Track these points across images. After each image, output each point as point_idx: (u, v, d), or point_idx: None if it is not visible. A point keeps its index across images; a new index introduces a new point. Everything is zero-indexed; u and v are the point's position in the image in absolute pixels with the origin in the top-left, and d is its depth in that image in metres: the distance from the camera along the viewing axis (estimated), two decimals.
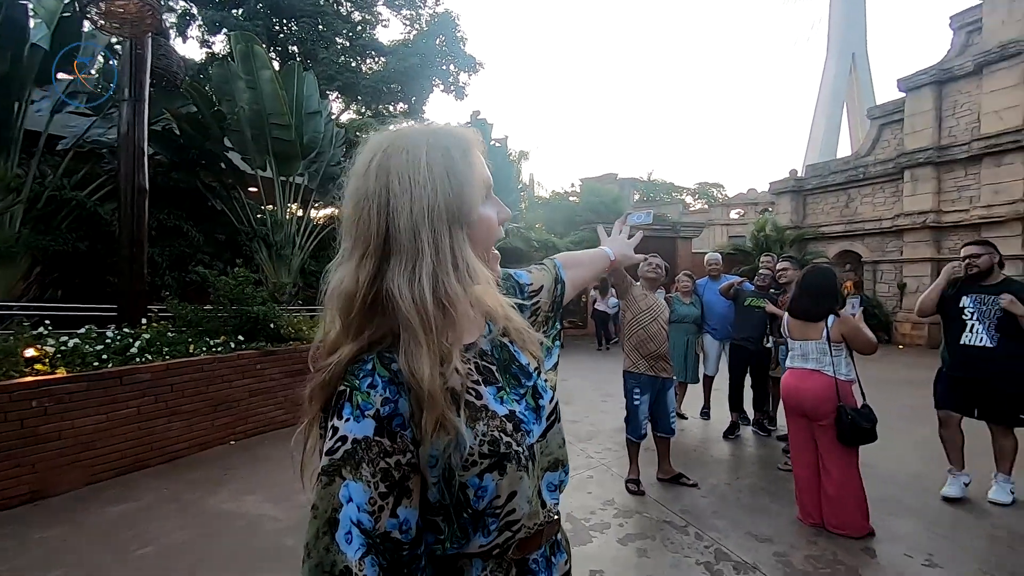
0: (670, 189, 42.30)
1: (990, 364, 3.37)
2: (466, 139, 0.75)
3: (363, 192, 0.68)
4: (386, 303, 0.66)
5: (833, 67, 45.49)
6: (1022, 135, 9.95)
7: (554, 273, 1.04)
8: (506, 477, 0.69)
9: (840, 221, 14.02)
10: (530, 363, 0.81)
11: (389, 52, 16.48)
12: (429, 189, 0.67)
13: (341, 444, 0.62)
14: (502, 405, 0.73)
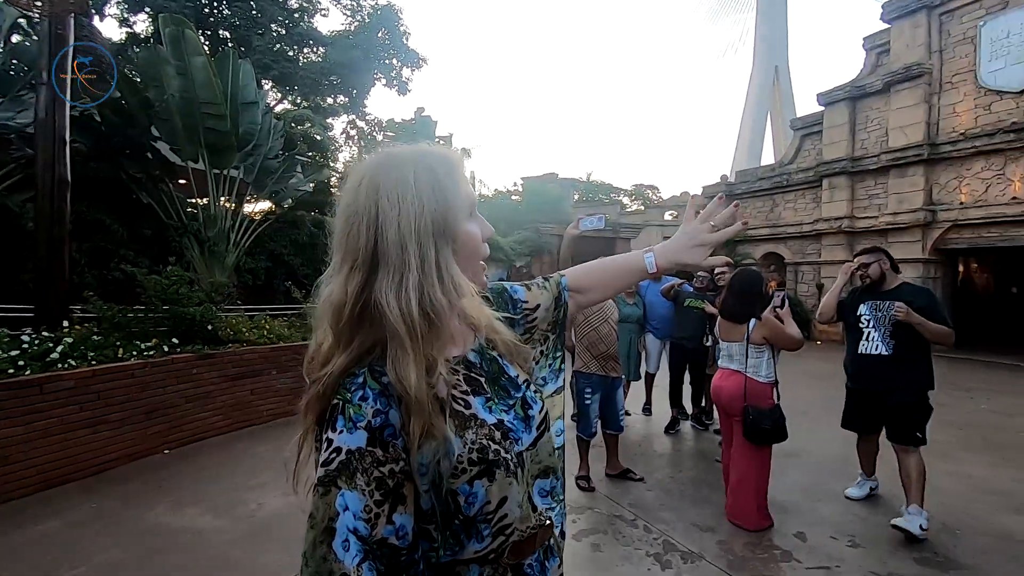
0: (608, 190, 43.30)
1: (885, 373, 3.30)
2: (451, 159, 0.78)
3: (353, 208, 0.71)
4: (374, 313, 0.69)
5: (758, 78, 48.15)
6: (923, 150, 10.96)
7: (555, 292, 1.01)
8: (495, 483, 0.71)
9: (766, 224, 14.91)
10: (519, 375, 0.84)
11: (329, 43, 15.96)
12: (416, 205, 0.70)
13: (336, 455, 0.64)
14: (491, 414, 0.76)
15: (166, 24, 7.80)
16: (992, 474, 4.18)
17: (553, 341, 1.01)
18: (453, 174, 0.76)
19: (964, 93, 10.62)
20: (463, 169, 0.79)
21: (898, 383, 3.27)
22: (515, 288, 0.99)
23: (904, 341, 3.24)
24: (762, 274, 3.67)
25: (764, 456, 3.23)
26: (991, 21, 10.17)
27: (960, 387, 7.50)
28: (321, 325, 0.73)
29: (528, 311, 0.97)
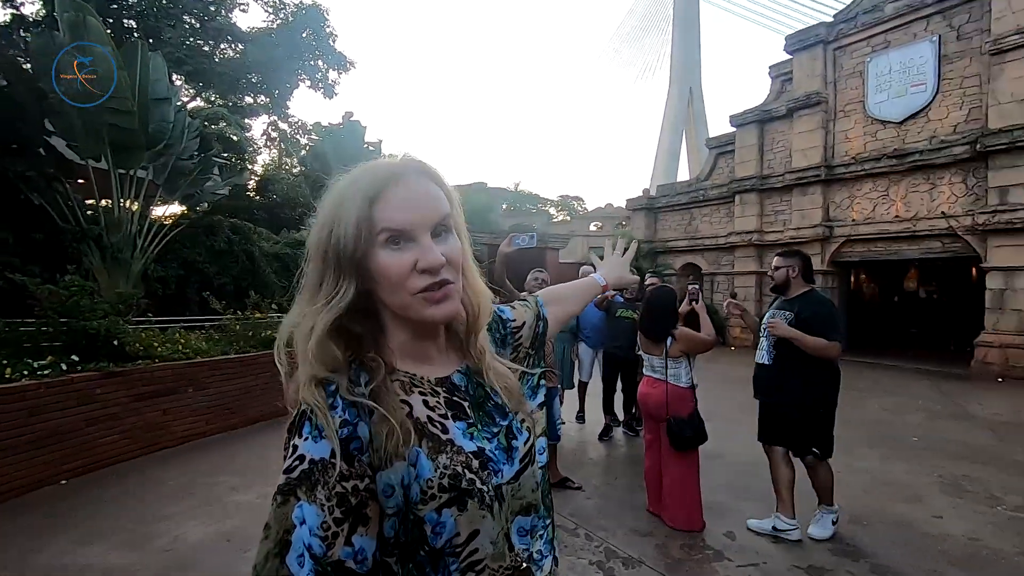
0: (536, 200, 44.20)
1: (765, 382, 3.34)
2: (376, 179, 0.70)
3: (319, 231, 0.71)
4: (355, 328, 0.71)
5: (674, 99, 50.97)
6: (820, 171, 12.02)
7: (536, 310, 1.05)
8: (466, 514, 0.67)
9: (685, 237, 15.75)
10: (507, 403, 0.81)
11: (249, 40, 15.18)
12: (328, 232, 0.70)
13: (299, 463, 0.61)
14: (471, 441, 0.72)
15: (64, 8, 7.10)
16: (886, 467, 4.63)
17: (534, 358, 1.01)
18: (374, 195, 0.69)
19: (855, 121, 11.78)
20: (396, 186, 0.70)
21: (777, 394, 3.25)
22: (502, 308, 0.99)
23: (784, 352, 3.19)
24: (675, 290, 3.84)
25: (692, 460, 3.41)
26: (876, 58, 11.37)
27: (854, 388, 8.23)
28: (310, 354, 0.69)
29: (515, 329, 0.98)
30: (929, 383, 8.65)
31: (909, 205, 10.76)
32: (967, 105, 10.03)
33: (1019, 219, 8.87)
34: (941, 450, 5.08)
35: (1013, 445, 5.25)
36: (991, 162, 9.38)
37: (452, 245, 0.73)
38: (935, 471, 4.50)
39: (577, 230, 30.31)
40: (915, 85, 10.67)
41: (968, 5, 10.02)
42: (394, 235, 0.69)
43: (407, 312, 0.71)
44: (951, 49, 10.27)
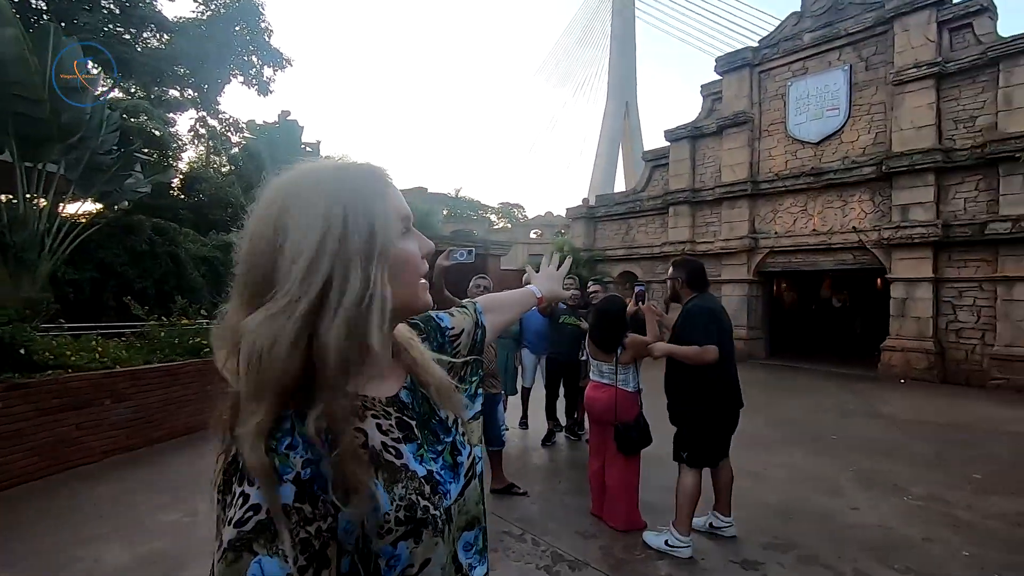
0: (476, 207, 44.26)
1: (665, 389, 3.42)
2: (375, 173, 0.71)
3: (266, 231, 0.62)
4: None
5: (611, 112, 52.57)
6: (747, 186, 12.76)
7: (474, 317, 1.02)
8: (421, 545, 0.65)
9: (622, 246, 16.25)
10: (449, 417, 0.79)
11: (176, 30, 14.34)
12: (341, 226, 0.63)
13: (253, 514, 0.54)
14: (421, 465, 0.70)
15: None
16: (809, 463, 4.96)
17: (472, 365, 0.97)
18: (379, 188, 0.69)
19: (777, 140, 12.61)
20: (390, 182, 0.72)
21: (668, 400, 3.36)
22: (441, 315, 0.97)
23: (670, 360, 3.30)
24: (623, 299, 3.93)
25: (635, 462, 3.52)
26: (796, 82, 12.23)
27: (776, 389, 8.79)
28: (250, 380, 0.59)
29: (454, 337, 0.95)
30: (842, 384, 9.34)
31: (825, 220, 11.62)
32: (874, 129, 10.97)
33: (918, 235, 9.78)
34: (855, 446, 5.50)
35: (915, 440, 5.76)
36: (894, 182, 10.30)
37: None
38: (850, 465, 4.86)
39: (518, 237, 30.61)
40: (830, 109, 11.57)
41: (875, 39, 10.99)
42: (407, 224, 0.72)
43: (417, 301, 0.73)
44: (860, 78, 11.22)
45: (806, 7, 12.19)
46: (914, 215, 9.97)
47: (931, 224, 9.65)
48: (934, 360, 9.56)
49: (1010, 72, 9.01)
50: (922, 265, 9.85)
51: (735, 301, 12.79)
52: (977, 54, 9.42)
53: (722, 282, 13.12)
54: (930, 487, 4.32)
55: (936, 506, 3.94)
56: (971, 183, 9.58)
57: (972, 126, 9.59)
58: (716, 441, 3.23)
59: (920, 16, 10.13)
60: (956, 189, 9.76)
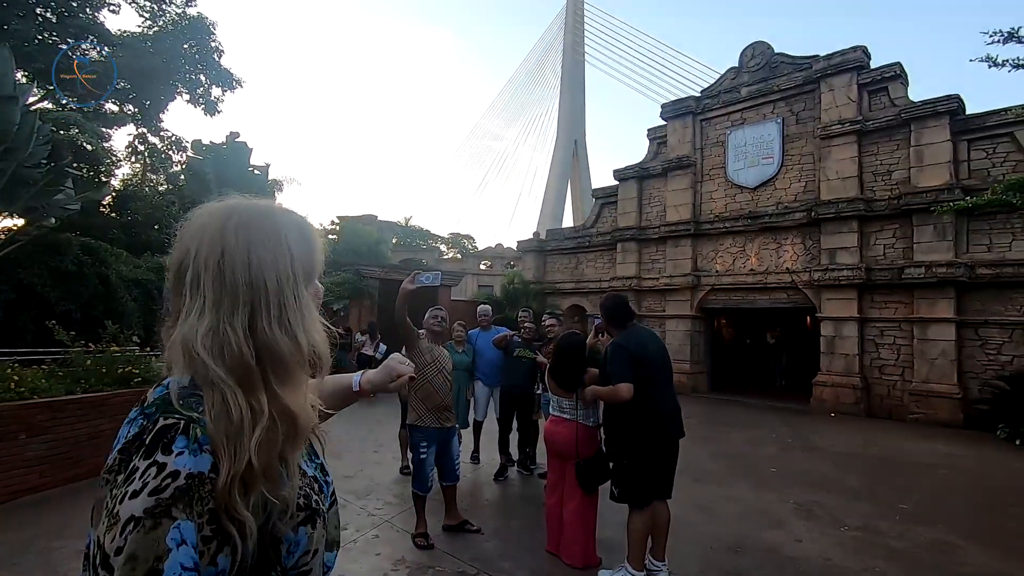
0: (426, 236, 44.06)
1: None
2: (311, 226, 0.84)
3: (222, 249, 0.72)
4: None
5: (561, 149, 54.20)
6: (690, 226, 13.37)
7: None
8: (316, 531, 0.74)
9: (571, 280, 16.55)
10: (315, 444, 0.87)
11: (118, 43, 13.77)
12: (291, 252, 0.76)
13: (171, 480, 0.59)
14: (308, 467, 0.81)
15: None
16: (753, 496, 5.11)
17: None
18: (315, 236, 0.83)
19: (718, 184, 13.34)
20: (317, 231, 0.86)
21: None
22: None
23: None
24: (582, 336, 3.97)
25: (593, 499, 3.53)
26: (735, 132, 13.07)
27: (720, 422, 9.08)
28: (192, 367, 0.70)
29: None
30: (779, 418, 9.75)
31: (762, 260, 12.30)
32: (804, 178, 11.81)
33: (844, 277, 10.50)
34: (794, 479, 5.72)
35: (847, 473, 6.06)
36: (823, 228, 11.08)
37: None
38: (791, 498, 5.06)
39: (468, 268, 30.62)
40: (765, 158, 12.40)
41: (804, 96, 11.95)
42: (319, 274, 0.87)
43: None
44: (792, 130, 12.12)
45: (743, 63, 13.13)
46: (840, 259, 10.72)
47: (855, 267, 10.39)
48: (860, 395, 10.17)
49: (920, 133, 9.98)
50: (848, 305, 10.56)
51: (679, 336, 13.22)
52: (892, 115, 10.40)
53: (667, 317, 13.56)
54: (864, 518, 4.54)
55: (871, 537, 4.14)
56: (889, 231, 10.44)
57: (889, 179, 10.51)
58: (648, 478, 3.16)
59: (843, 78, 11.12)
60: (877, 236, 10.60)
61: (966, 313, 9.39)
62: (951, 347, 9.34)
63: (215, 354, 0.68)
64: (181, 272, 0.73)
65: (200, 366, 0.68)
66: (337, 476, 4.19)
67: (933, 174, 9.77)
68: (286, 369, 0.72)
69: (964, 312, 9.40)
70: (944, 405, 9.23)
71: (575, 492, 3.46)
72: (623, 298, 3.56)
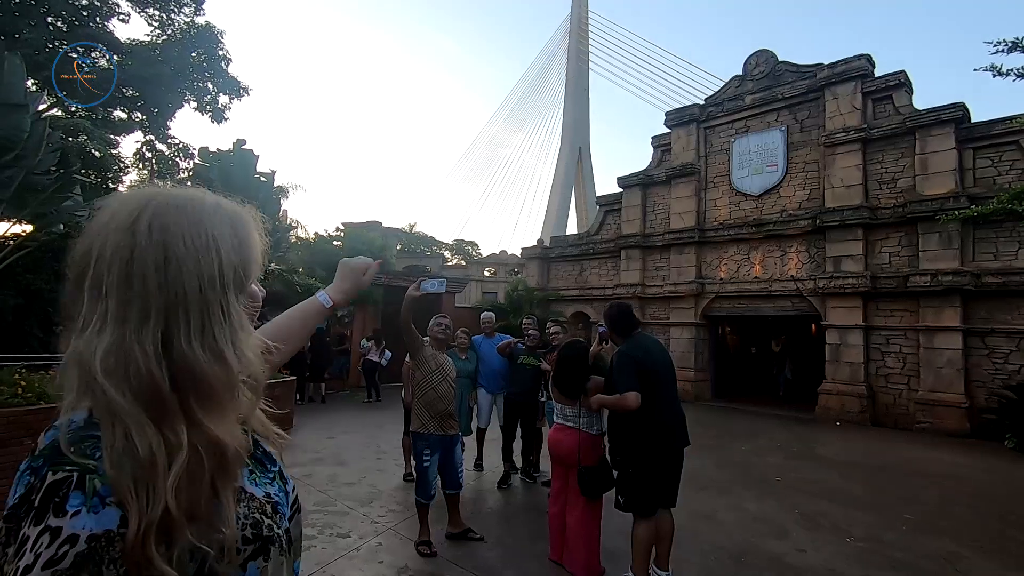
0: (430, 243, 44.13)
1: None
2: (248, 217, 0.73)
3: (132, 246, 0.60)
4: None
5: (565, 157, 54.39)
6: (694, 233, 13.38)
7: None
8: (271, 562, 0.65)
9: (575, 287, 16.56)
10: (272, 450, 0.79)
11: (127, 51, 13.95)
12: (217, 255, 0.65)
13: (70, 547, 0.49)
14: (258, 487, 0.70)
15: None
16: (757, 505, 5.09)
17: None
18: (250, 228, 0.72)
19: (722, 191, 13.36)
20: (258, 225, 0.74)
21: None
22: None
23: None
24: (586, 344, 3.96)
25: (597, 507, 3.52)
26: (738, 139, 13.09)
27: (724, 430, 9.04)
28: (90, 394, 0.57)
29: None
30: (783, 426, 9.70)
31: (766, 268, 12.28)
32: (809, 186, 11.81)
33: (849, 285, 10.47)
34: (798, 488, 5.69)
35: (852, 482, 6.02)
36: (827, 235, 11.06)
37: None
38: (795, 507, 5.03)
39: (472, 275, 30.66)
40: (769, 165, 12.41)
41: (808, 104, 11.97)
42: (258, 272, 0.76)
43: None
44: (796, 138, 12.14)
45: (747, 71, 13.17)
46: (845, 266, 10.70)
47: (860, 275, 10.37)
48: (866, 404, 10.11)
49: (925, 141, 9.98)
50: (853, 313, 10.52)
51: (683, 343, 13.19)
52: (896, 123, 10.40)
53: (671, 324, 13.54)
54: (869, 528, 4.51)
55: (875, 547, 4.12)
56: (894, 239, 10.41)
57: (894, 187, 10.50)
58: (652, 486, 3.17)
59: (847, 86, 11.13)
60: (882, 244, 10.57)
61: (972, 322, 9.35)
62: (957, 356, 9.29)
63: (118, 378, 0.56)
64: (81, 275, 0.61)
65: (99, 393, 0.56)
66: (340, 483, 4.20)
67: (938, 182, 9.76)
68: (210, 394, 0.60)
69: (970, 321, 9.36)
70: (951, 414, 9.17)
71: (579, 500, 3.45)
72: (627, 306, 3.57)
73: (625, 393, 3.06)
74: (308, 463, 6.03)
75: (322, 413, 9.27)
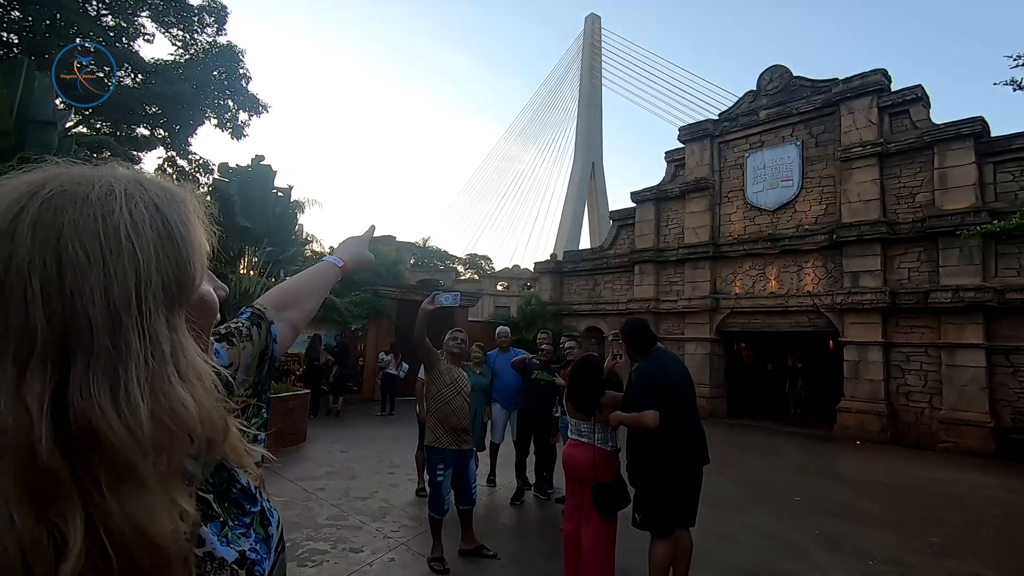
0: (443, 257, 44.38)
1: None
2: (181, 195, 0.54)
3: (12, 259, 0.42)
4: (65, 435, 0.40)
5: (578, 171, 54.59)
6: (708, 248, 13.31)
7: (263, 343, 0.84)
8: None
9: (588, 301, 16.52)
10: (251, 482, 0.66)
11: (152, 71, 14.37)
12: (137, 257, 0.46)
13: None
14: (229, 547, 0.57)
15: None
16: (774, 524, 4.98)
17: (254, 408, 0.80)
18: (188, 215, 0.53)
19: (736, 206, 13.30)
20: (199, 210, 0.56)
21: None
22: (217, 350, 0.75)
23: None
24: (600, 358, 3.93)
25: (612, 524, 3.47)
26: (753, 154, 13.05)
27: (740, 448, 8.90)
28: None
29: (232, 375, 0.74)
30: (801, 445, 9.52)
31: (782, 283, 12.16)
32: (825, 201, 11.72)
33: (867, 301, 10.32)
34: (817, 507, 5.57)
35: (874, 502, 5.88)
36: (844, 251, 10.94)
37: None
38: (814, 528, 4.92)
39: (485, 289, 30.71)
40: (784, 180, 12.34)
41: (823, 119, 11.93)
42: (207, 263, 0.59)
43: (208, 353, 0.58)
44: (811, 153, 12.08)
45: (761, 87, 13.17)
46: (863, 282, 10.55)
47: (879, 291, 10.21)
48: (886, 422, 9.89)
49: (943, 155, 9.87)
50: (872, 329, 10.35)
51: (698, 359, 13.05)
52: (914, 138, 10.31)
53: (685, 340, 13.42)
54: (891, 551, 4.40)
55: (899, 570, 4.01)
56: (913, 254, 10.26)
57: (912, 202, 10.37)
58: (671, 505, 3.11)
59: (863, 101, 11.08)
60: (900, 259, 10.43)
61: (996, 339, 9.15)
62: (981, 374, 9.08)
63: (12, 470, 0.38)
64: None
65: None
66: (352, 497, 4.21)
67: (958, 197, 9.63)
68: (121, 463, 0.41)
69: (994, 338, 9.16)
70: (975, 433, 8.94)
71: (594, 517, 3.40)
72: (644, 322, 3.54)
73: (643, 412, 3.02)
74: (321, 476, 6.04)
75: (336, 426, 9.29)
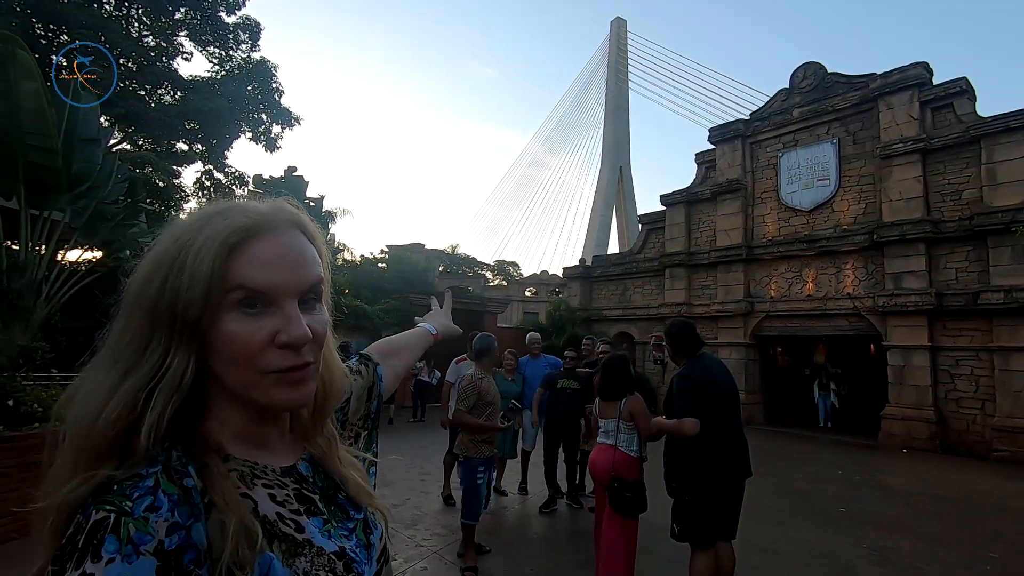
0: (472, 263, 44.57)
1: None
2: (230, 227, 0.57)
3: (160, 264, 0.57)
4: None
5: (606, 176, 54.32)
6: (742, 251, 12.99)
7: (371, 379, 0.93)
8: None
9: (618, 306, 16.31)
10: (357, 495, 0.71)
11: (189, 87, 14.87)
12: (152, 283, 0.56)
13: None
14: (330, 540, 0.62)
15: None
16: (819, 537, 4.78)
17: (365, 438, 0.87)
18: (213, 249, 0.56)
19: (770, 207, 12.96)
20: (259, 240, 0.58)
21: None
22: None
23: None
24: (628, 356, 3.92)
25: (631, 528, 3.35)
26: (787, 153, 12.71)
27: (779, 457, 8.61)
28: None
29: (344, 405, 0.83)
30: (843, 453, 9.16)
31: (819, 286, 11.77)
32: (864, 200, 11.31)
33: (912, 303, 9.89)
34: (865, 521, 5.32)
35: (925, 516, 5.59)
36: (886, 251, 10.51)
37: (320, 318, 0.62)
38: (861, 541, 4.69)
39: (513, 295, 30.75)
40: (820, 179, 11.97)
41: (860, 115, 11.53)
42: (251, 297, 0.57)
43: (249, 393, 0.58)
44: (849, 151, 11.68)
45: (795, 84, 12.84)
46: (907, 283, 10.13)
47: (924, 292, 9.77)
48: (935, 429, 9.44)
49: (991, 150, 9.42)
50: (918, 333, 9.91)
51: (732, 365, 12.70)
52: (959, 132, 9.86)
53: (719, 345, 13.09)
54: (947, 567, 4.16)
55: None
56: (961, 253, 9.80)
57: (959, 199, 9.92)
58: (711, 517, 2.98)
59: (903, 96, 10.68)
60: (947, 259, 9.97)
61: None
62: None
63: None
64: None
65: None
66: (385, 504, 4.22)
67: (1009, 192, 9.16)
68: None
69: None
70: None
71: (614, 519, 3.30)
72: (691, 324, 3.37)
73: (683, 420, 2.91)
74: None
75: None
